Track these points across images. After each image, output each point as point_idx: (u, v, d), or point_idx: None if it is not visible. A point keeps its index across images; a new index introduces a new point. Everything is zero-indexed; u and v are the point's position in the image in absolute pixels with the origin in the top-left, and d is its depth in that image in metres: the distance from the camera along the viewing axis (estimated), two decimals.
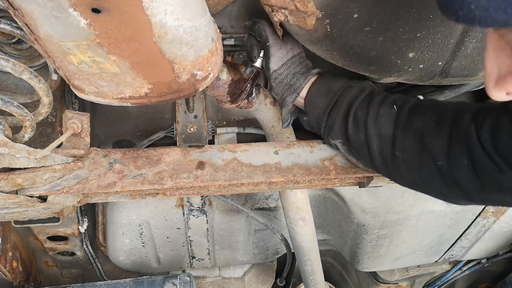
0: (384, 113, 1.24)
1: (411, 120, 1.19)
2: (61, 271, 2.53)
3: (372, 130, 1.24)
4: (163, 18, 0.83)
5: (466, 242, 2.57)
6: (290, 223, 1.73)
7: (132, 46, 0.86)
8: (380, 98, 1.27)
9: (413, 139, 1.17)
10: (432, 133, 1.14)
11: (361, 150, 1.30)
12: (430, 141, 1.14)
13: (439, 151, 1.12)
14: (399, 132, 1.20)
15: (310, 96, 1.38)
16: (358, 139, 1.28)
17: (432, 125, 1.14)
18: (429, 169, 1.15)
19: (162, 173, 1.32)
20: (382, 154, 1.24)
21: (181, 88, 1.06)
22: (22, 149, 1.09)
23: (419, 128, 1.17)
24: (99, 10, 0.75)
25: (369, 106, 1.26)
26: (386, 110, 1.24)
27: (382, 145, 1.23)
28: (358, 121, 1.27)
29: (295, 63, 1.38)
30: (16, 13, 0.82)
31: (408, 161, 1.20)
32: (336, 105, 1.32)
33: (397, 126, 1.20)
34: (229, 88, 1.36)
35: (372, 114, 1.25)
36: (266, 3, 1.17)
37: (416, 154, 1.17)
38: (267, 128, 1.56)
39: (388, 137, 1.22)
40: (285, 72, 1.38)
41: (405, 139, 1.19)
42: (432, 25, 1.13)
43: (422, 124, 1.16)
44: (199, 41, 0.97)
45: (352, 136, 1.29)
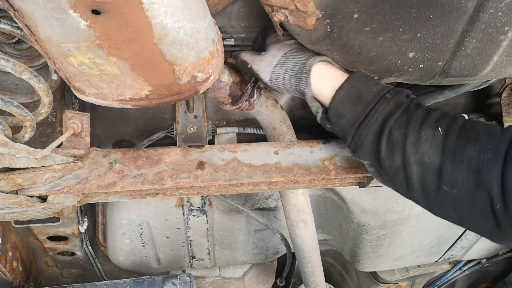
0: (427, 136, 1.05)
1: (463, 148, 1.01)
2: (61, 271, 2.53)
3: (412, 156, 1.06)
4: (164, 20, 0.83)
5: (466, 242, 2.57)
6: (291, 225, 1.73)
7: (133, 48, 0.86)
8: (421, 116, 1.08)
9: (466, 172, 0.99)
10: (490, 167, 0.96)
11: (395, 177, 1.12)
12: (488, 177, 0.96)
13: (497, 191, 0.95)
14: (448, 162, 1.02)
15: (335, 103, 1.17)
16: (393, 164, 1.10)
17: (490, 156, 0.97)
18: (484, 210, 0.99)
19: (162, 173, 1.32)
20: (424, 185, 1.06)
21: (181, 90, 1.06)
22: (22, 149, 1.09)
23: (474, 160, 0.99)
24: (99, 11, 0.75)
25: (407, 125, 1.08)
26: (430, 133, 1.05)
27: (424, 175, 1.05)
28: (394, 143, 1.08)
29: (288, 58, 1.26)
30: (17, 14, 0.82)
31: (457, 198, 1.02)
32: (366, 119, 1.12)
33: (446, 155, 1.02)
34: (230, 90, 1.36)
35: (412, 136, 1.06)
36: (266, 3, 1.17)
37: (470, 191, 0.99)
38: (268, 130, 1.56)
39: (434, 167, 1.03)
40: (281, 71, 1.26)
41: (456, 172, 1.01)
42: (432, 25, 1.13)
43: (477, 155, 0.99)
44: (199, 43, 0.97)
45: (385, 160, 1.11)
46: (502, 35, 1.15)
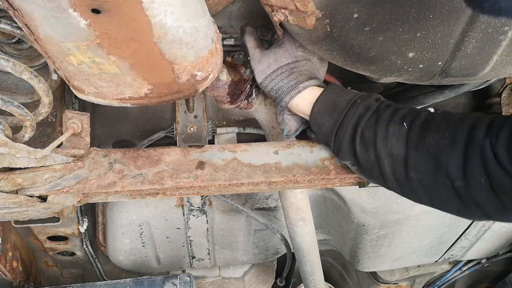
0: (393, 131, 1.17)
1: (424, 138, 1.13)
2: (61, 271, 2.53)
3: (382, 151, 1.18)
4: (163, 19, 0.83)
5: (466, 242, 2.57)
6: (290, 224, 1.73)
7: (132, 47, 0.86)
8: (388, 115, 1.20)
9: (427, 159, 1.11)
10: (447, 152, 1.08)
11: (372, 171, 1.24)
12: (445, 161, 1.08)
13: (455, 171, 1.06)
14: (412, 151, 1.13)
15: (314, 114, 1.30)
16: (368, 160, 1.22)
17: (446, 143, 1.08)
18: (446, 190, 1.10)
19: (162, 173, 1.32)
20: (395, 175, 1.18)
21: (181, 89, 1.06)
22: (22, 149, 1.09)
23: (433, 147, 1.10)
24: (99, 10, 0.75)
25: (376, 124, 1.19)
26: (396, 128, 1.17)
27: (394, 166, 1.17)
28: (366, 141, 1.20)
29: (279, 76, 1.33)
30: (16, 14, 0.82)
31: (423, 182, 1.14)
32: (342, 124, 1.25)
33: (409, 146, 1.14)
34: (229, 89, 1.36)
35: (380, 133, 1.18)
36: (266, 3, 1.17)
37: (432, 175, 1.11)
38: (267, 129, 1.56)
39: (401, 158, 1.15)
40: (269, 86, 1.35)
41: (419, 159, 1.12)
42: (432, 25, 1.13)
43: (436, 142, 1.10)
44: (199, 41, 0.97)
45: (361, 157, 1.23)
46: (502, 35, 1.15)
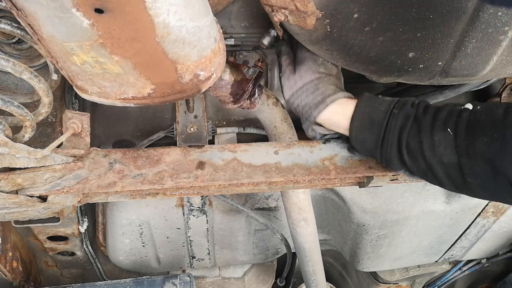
0: (439, 139, 1.16)
1: (473, 144, 1.12)
2: (61, 271, 2.53)
3: (432, 159, 1.18)
4: (166, 18, 0.83)
5: (466, 242, 2.57)
6: (292, 224, 1.73)
7: (135, 46, 0.86)
8: (429, 122, 1.19)
9: (482, 164, 1.11)
10: (501, 156, 1.08)
11: (426, 177, 1.26)
12: (501, 165, 1.08)
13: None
14: (464, 159, 1.13)
15: (353, 133, 1.31)
16: (420, 169, 1.23)
17: (498, 146, 1.08)
18: (507, 189, 1.11)
19: (162, 173, 1.32)
20: (451, 180, 1.19)
21: (184, 89, 1.06)
22: (22, 149, 1.09)
23: (485, 152, 1.10)
24: (102, 10, 0.75)
25: (420, 134, 1.19)
26: (441, 136, 1.16)
27: (449, 173, 1.18)
28: (413, 152, 1.21)
29: (305, 92, 1.37)
30: (19, 14, 0.82)
31: (482, 185, 1.15)
32: (385, 139, 1.25)
33: (460, 153, 1.14)
34: (231, 88, 1.36)
35: (426, 142, 1.18)
36: (266, 3, 1.18)
37: (491, 179, 1.12)
38: (270, 129, 1.56)
39: (454, 165, 1.16)
40: (295, 102, 1.39)
41: (474, 165, 1.13)
42: (432, 25, 1.14)
43: (487, 146, 1.10)
44: (202, 41, 0.97)
45: (411, 167, 1.24)
46: (502, 35, 1.15)
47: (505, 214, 2.31)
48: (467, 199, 2.14)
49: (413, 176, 1.33)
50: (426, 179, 1.27)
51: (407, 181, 1.50)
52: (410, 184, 2.10)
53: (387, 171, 1.40)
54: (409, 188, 2.12)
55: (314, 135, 1.46)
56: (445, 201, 2.18)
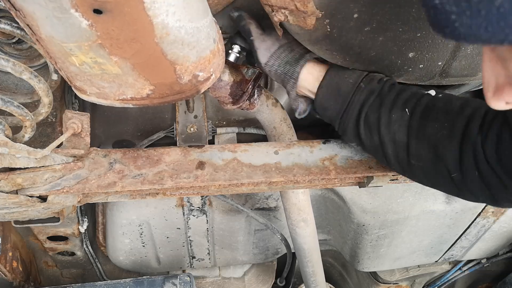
0: (396, 118, 1.21)
1: (424, 127, 1.17)
2: (61, 271, 2.53)
3: (385, 136, 1.22)
4: (165, 19, 0.83)
5: (466, 242, 2.57)
6: (292, 224, 1.73)
7: (134, 47, 0.86)
8: (391, 99, 1.23)
9: (426, 148, 1.16)
10: (445, 144, 1.12)
11: (376, 154, 1.30)
12: (443, 152, 1.12)
13: (452, 163, 1.11)
14: (413, 140, 1.18)
15: (319, 98, 1.34)
16: (372, 143, 1.27)
17: (445, 134, 1.12)
18: (445, 179, 1.15)
19: (162, 173, 1.32)
20: (398, 159, 1.23)
21: (183, 89, 1.06)
22: (22, 149, 1.09)
23: (432, 137, 1.15)
24: (101, 11, 0.75)
25: (380, 109, 1.23)
26: (399, 115, 1.21)
27: (397, 151, 1.22)
28: (370, 126, 1.25)
29: (284, 52, 1.36)
30: (18, 14, 0.82)
31: (424, 169, 1.20)
32: (346, 110, 1.29)
33: (411, 134, 1.18)
34: (231, 89, 1.36)
35: (384, 118, 1.22)
36: (266, 3, 1.17)
37: (431, 163, 1.16)
38: (269, 130, 1.56)
39: (403, 144, 1.20)
40: (276, 63, 1.36)
41: (419, 147, 1.17)
42: None
43: (435, 132, 1.14)
44: (201, 42, 0.97)
45: (365, 140, 1.28)
46: None
47: (505, 214, 2.31)
48: None
49: (364, 151, 1.39)
50: (376, 156, 1.33)
51: (407, 181, 1.50)
52: (410, 184, 2.09)
53: (387, 171, 1.40)
54: (409, 188, 2.12)
55: (295, 100, 1.42)
56: (445, 201, 2.18)
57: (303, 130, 1.92)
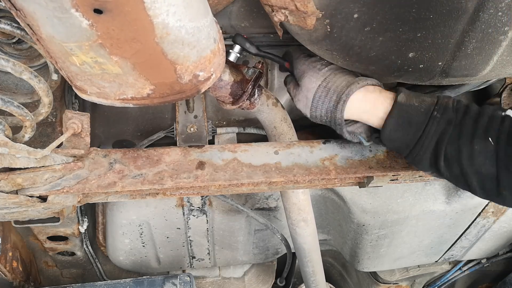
0: (480, 149, 1.13)
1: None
2: (61, 271, 2.53)
3: (468, 168, 1.15)
4: (165, 19, 0.83)
5: (466, 242, 2.57)
6: (292, 224, 1.73)
7: (134, 47, 0.86)
8: (470, 128, 1.16)
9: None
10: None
11: (457, 183, 1.23)
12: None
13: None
14: (503, 172, 1.11)
15: (387, 130, 1.25)
16: (453, 174, 1.20)
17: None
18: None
19: (162, 173, 1.32)
20: (485, 190, 1.17)
21: (183, 89, 1.06)
22: (22, 149, 1.09)
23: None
24: (101, 10, 0.75)
25: (459, 140, 1.16)
26: (482, 146, 1.13)
27: (483, 183, 1.15)
28: (450, 159, 1.18)
29: (319, 100, 1.32)
30: (18, 14, 0.82)
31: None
32: (420, 141, 1.21)
33: (500, 166, 1.11)
34: (231, 89, 1.36)
35: (465, 151, 1.15)
36: (266, 3, 1.18)
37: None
38: (270, 129, 1.56)
39: (491, 177, 1.13)
40: (318, 115, 1.34)
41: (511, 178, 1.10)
42: (432, 25, 1.13)
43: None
44: (201, 41, 0.97)
45: (444, 172, 1.21)
46: (502, 35, 1.15)
47: (505, 214, 2.31)
48: (467, 199, 2.14)
49: (440, 178, 1.31)
50: (457, 185, 1.25)
51: (407, 181, 1.50)
52: (410, 184, 2.10)
53: (387, 171, 1.40)
54: (409, 188, 2.12)
55: (352, 138, 1.38)
56: (445, 201, 2.18)
57: (304, 130, 1.92)
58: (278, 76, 1.82)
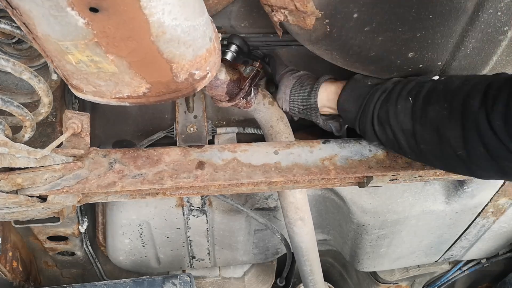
0: (401, 108, 1.22)
1: (426, 112, 1.17)
2: (61, 271, 2.54)
3: (395, 127, 1.24)
4: (161, 18, 0.83)
5: (466, 242, 2.57)
6: (289, 223, 1.73)
7: (130, 46, 0.86)
8: (397, 91, 1.26)
9: (430, 131, 1.17)
10: (446, 124, 1.13)
11: (394, 147, 1.32)
12: (445, 132, 1.13)
13: (455, 142, 1.11)
14: (417, 126, 1.19)
15: (340, 102, 1.42)
16: (388, 138, 1.29)
17: (445, 114, 1.13)
18: (452, 158, 1.16)
19: (162, 173, 1.32)
20: (410, 147, 1.25)
21: (179, 88, 1.06)
22: (22, 149, 1.09)
23: (434, 119, 1.15)
24: (97, 9, 0.75)
25: (387, 103, 1.26)
26: (403, 105, 1.22)
27: (408, 140, 1.24)
28: (382, 121, 1.28)
29: (295, 93, 1.51)
30: (14, 12, 0.82)
31: (432, 152, 1.20)
32: (363, 111, 1.33)
33: (415, 120, 1.20)
34: (227, 88, 1.36)
35: (391, 111, 1.24)
36: (266, 3, 1.18)
37: (437, 145, 1.17)
38: (266, 128, 1.56)
39: (410, 132, 1.22)
40: (294, 106, 1.53)
41: (424, 132, 1.18)
42: (431, 25, 1.13)
43: (436, 114, 1.15)
44: (197, 40, 0.97)
45: (381, 136, 1.31)
46: (502, 35, 1.15)
47: (505, 214, 2.30)
48: (467, 199, 2.14)
49: (385, 148, 1.41)
50: (394, 149, 1.34)
51: (406, 181, 1.50)
52: (410, 184, 2.10)
53: (386, 171, 1.40)
54: (409, 188, 2.12)
55: (325, 125, 1.55)
56: (445, 201, 2.17)
57: (303, 130, 1.92)
58: None
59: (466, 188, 2.08)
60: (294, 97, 1.51)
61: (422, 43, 1.19)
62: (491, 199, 2.16)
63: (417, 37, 1.17)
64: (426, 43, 1.19)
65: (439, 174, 1.48)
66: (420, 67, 1.27)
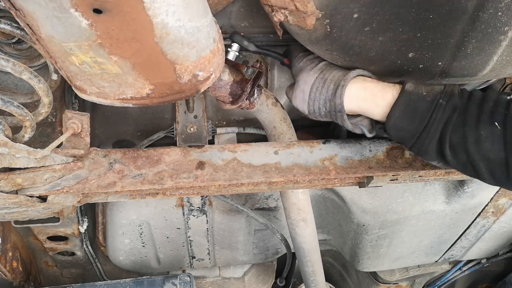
0: (486, 135, 1.11)
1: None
2: (61, 271, 2.53)
3: (476, 154, 1.13)
4: (165, 19, 0.83)
5: (466, 242, 2.57)
6: (291, 224, 1.73)
7: (134, 47, 0.86)
8: (474, 114, 1.14)
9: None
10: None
11: (465, 171, 1.21)
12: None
13: None
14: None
15: (392, 119, 1.23)
16: (459, 162, 1.18)
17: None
18: None
19: (162, 173, 1.32)
20: (494, 176, 1.14)
21: (182, 89, 1.06)
22: (22, 149, 1.09)
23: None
24: (101, 10, 0.75)
25: (464, 127, 1.14)
26: (488, 131, 1.11)
27: (493, 169, 1.13)
28: (455, 146, 1.16)
29: (316, 92, 1.32)
30: (18, 14, 0.82)
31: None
32: (426, 129, 1.19)
33: (509, 150, 1.09)
34: (230, 89, 1.36)
35: (471, 137, 1.12)
36: (266, 3, 1.17)
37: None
38: (269, 129, 1.56)
39: (500, 162, 1.11)
40: (315, 108, 1.34)
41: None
42: (431, 25, 1.13)
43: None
44: (200, 41, 0.97)
45: (451, 161, 1.19)
46: (502, 35, 1.15)
47: (505, 214, 2.31)
48: (467, 199, 2.14)
49: (448, 167, 1.32)
50: (465, 172, 1.22)
51: (407, 181, 1.50)
52: (410, 184, 2.10)
53: (387, 171, 1.40)
54: (409, 188, 2.12)
55: (354, 128, 1.36)
56: (445, 201, 2.17)
57: (303, 130, 1.92)
58: (278, 76, 1.82)
59: (466, 188, 2.08)
60: (315, 98, 1.32)
61: (422, 43, 1.19)
62: (491, 199, 2.16)
63: (417, 37, 1.17)
64: (426, 43, 1.19)
65: (439, 174, 1.48)
66: (420, 67, 1.28)
